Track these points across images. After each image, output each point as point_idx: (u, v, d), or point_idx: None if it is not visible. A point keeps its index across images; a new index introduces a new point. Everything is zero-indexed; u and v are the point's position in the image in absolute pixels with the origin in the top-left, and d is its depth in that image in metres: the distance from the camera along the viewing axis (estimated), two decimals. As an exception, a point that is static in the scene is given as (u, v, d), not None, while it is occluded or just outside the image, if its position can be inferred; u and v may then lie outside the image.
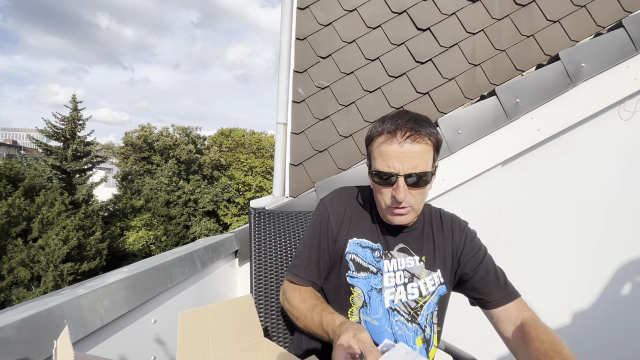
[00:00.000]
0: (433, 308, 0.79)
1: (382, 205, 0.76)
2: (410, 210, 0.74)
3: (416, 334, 0.75)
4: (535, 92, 1.60)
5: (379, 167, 0.72)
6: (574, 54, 1.59)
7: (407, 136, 0.69)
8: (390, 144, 0.71)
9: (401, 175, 0.70)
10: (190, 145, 22.09)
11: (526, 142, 1.62)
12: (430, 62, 1.94)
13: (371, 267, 0.77)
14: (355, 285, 0.77)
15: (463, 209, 1.69)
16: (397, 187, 0.70)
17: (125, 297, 0.78)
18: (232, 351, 0.56)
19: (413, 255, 0.80)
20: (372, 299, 0.76)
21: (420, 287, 0.77)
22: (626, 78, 1.58)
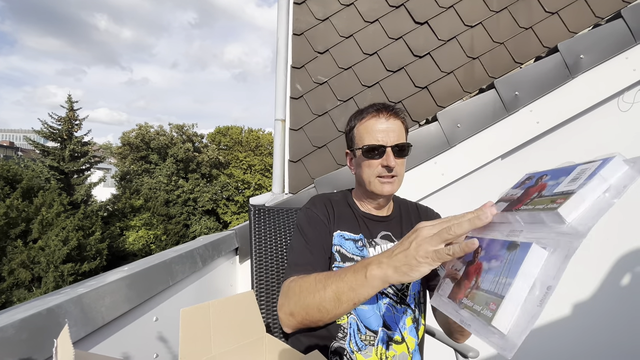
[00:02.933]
0: (418, 287, 0.85)
1: (370, 179, 0.83)
2: (396, 180, 0.83)
3: (405, 314, 0.80)
4: (534, 85, 1.60)
5: (368, 142, 0.81)
6: (572, 45, 1.58)
7: (391, 114, 0.83)
8: (377, 122, 0.83)
9: (389, 146, 0.80)
10: (188, 143, 22.02)
11: (526, 135, 1.62)
12: (428, 56, 1.93)
13: (355, 256, 0.82)
14: None
15: (462, 203, 1.70)
16: (387, 156, 0.80)
17: (126, 295, 0.77)
18: (234, 347, 0.56)
19: (394, 240, 0.86)
20: None
21: None
22: (625, 69, 1.58)
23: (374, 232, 0.87)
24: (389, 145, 0.81)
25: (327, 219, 0.85)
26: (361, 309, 0.78)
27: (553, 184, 0.43)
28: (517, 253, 0.39)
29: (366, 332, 0.76)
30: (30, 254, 11.84)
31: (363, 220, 0.88)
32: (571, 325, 1.67)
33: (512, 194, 0.50)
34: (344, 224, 0.86)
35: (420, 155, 1.63)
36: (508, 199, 0.49)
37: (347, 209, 0.89)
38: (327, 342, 0.77)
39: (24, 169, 14.89)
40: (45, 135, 15.66)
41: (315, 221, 0.84)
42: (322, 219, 0.85)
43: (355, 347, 0.75)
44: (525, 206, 0.42)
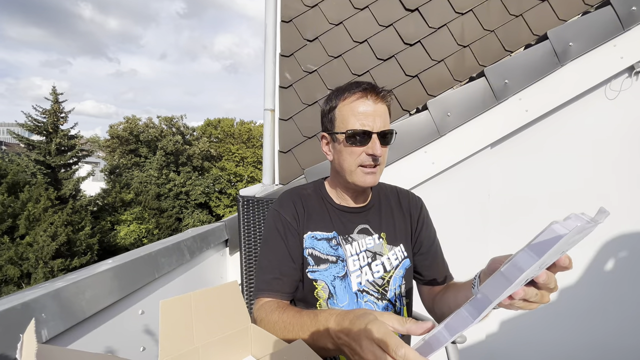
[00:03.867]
0: (400, 282, 0.80)
1: (351, 168, 0.75)
2: (379, 169, 0.76)
3: (387, 310, 0.77)
4: (523, 73, 1.59)
5: (353, 127, 0.73)
6: (561, 32, 1.58)
7: (379, 96, 0.74)
8: (364, 104, 0.73)
9: (375, 132, 0.73)
10: (178, 136, 21.65)
11: (515, 123, 1.62)
12: (419, 44, 1.91)
13: (330, 257, 0.77)
14: (317, 279, 0.76)
15: (452, 191, 1.71)
16: (374, 144, 0.72)
17: (109, 288, 0.76)
18: (218, 338, 0.55)
19: (372, 234, 0.81)
20: (337, 288, 0.76)
21: (384, 263, 0.79)
22: (613, 56, 1.58)
23: (349, 227, 0.80)
24: (375, 131, 0.73)
25: (297, 221, 0.78)
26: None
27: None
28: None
29: None
30: (18, 250, 11.62)
31: (337, 215, 0.81)
32: (563, 311, 1.71)
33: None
34: (315, 222, 0.79)
35: (410, 144, 1.62)
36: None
37: (319, 204, 0.82)
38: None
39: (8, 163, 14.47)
40: (29, 128, 15.19)
41: (284, 227, 0.77)
42: (291, 223, 0.78)
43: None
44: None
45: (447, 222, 1.69)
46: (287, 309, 0.66)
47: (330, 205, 0.82)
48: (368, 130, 0.72)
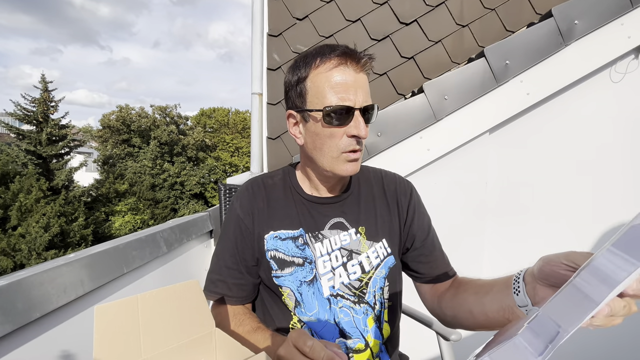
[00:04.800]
0: (382, 284, 0.68)
1: (332, 154, 0.62)
2: (360, 155, 0.64)
3: (366, 314, 0.66)
4: (525, 53, 1.50)
5: (332, 102, 0.59)
6: (567, 10, 1.48)
7: (360, 64, 0.60)
8: (342, 73, 0.59)
9: (358, 108, 0.60)
10: (172, 125, 21.32)
11: (515, 107, 1.54)
12: (415, 23, 1.80)
13: (296, 259, 0.66)
14: (282, 285, 0.66)
15: (449, 179, 1.63)
16: (357, 123, 0.60)
17: (63, 285, 0.67)
18: (174, 346, 0.47)
19: (348, 228, 0.68)
20: (304, 295, 0.65)
21: (362, 263, 0.67)
22: (620, 36, 1.49)
23: (320, 222, 0.68)
24: (357, 106, 0.59)
25: (252, 219, 0.67)
26: (310, 321, 0.65)
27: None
28: None
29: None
30: (10, 242, 11.48)
31: (306, 208, 0.69)
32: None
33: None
34: (279, 219, 0.68)
35: (405, 129, 1.53)
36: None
37: (285, 195, 0.70)
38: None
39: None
40: (19, 117, 14.81)
41: (235, 228, 0.67)
42: (245, 222, 0.67)
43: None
44: None
45: (442, 212, 1.62)
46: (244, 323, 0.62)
47: (298, 197, 0.70)
48: (350, 105, 0.59)
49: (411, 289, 0.83)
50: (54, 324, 0.66)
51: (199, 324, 0.50)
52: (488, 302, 0.54)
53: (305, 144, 0.66)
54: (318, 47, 0.64)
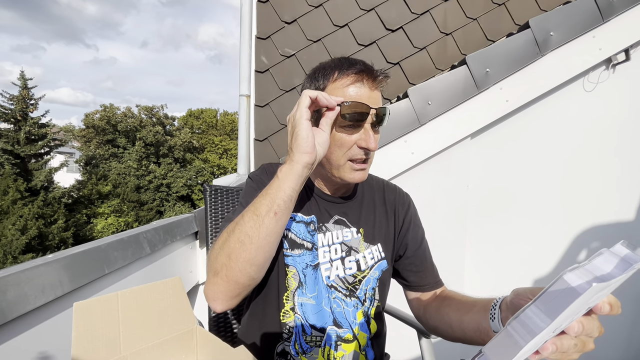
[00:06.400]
0: (374, 284, 0.72)
1: (339, 162, 0.64)
2: (369, 164, 0.67)
3: (356, 307, 0.70)
4: (505, 62, 1.56)
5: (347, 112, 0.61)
6: (543, 21, 1.55)
7: (376, 83, 0.63)
8: (359, 89, 0.62)
9: (369, 122, 0.63)
10: (158, 126, 20.92)
11: (495, 113, 1.60)
12: (401, 30, 1.85)
13: (306, 242, 0.69)
14: (289, 264, 0.68)
15: (432, 182, 1.67)
16: (367, 136, 0.62)
17: (40, 286, 0.66)
18: (154, 343, 0.47)
19: (350, 227, 0.72)
20: (308, 277, 0.68)
21: (359, 261, 0.71)
22: (592, 47, 1.58)
23: (325, 216, 0.72)
24: (369, 121, 0.63)
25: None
26: (308, 303, 0.67)
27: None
28: None
29: (312, 333, 0.67)
30: (-16, 245, 10.97)
31: (316, 200, 0.73)
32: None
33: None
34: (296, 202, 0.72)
35: (390, 133, 1.57)
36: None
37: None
38: (272, 344, 0.68)
39: (-28, 152, 13.57)
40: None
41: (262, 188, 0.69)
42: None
43: (300, 349, 0.67)
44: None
45: (425, 214, 1.66)
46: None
47: (309, 188, 0.74)
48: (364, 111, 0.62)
49: (392, 288, 0.86)
50: (31, 324, 0.65)
51: (180, 321, 0.51)
52: (467, 321, 0.57)
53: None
54: (337, 60, 0.66)
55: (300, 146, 0.55)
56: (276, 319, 0.68)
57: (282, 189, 0.55)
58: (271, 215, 0.54)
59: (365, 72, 0.62)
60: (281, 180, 0.56)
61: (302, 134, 0.55)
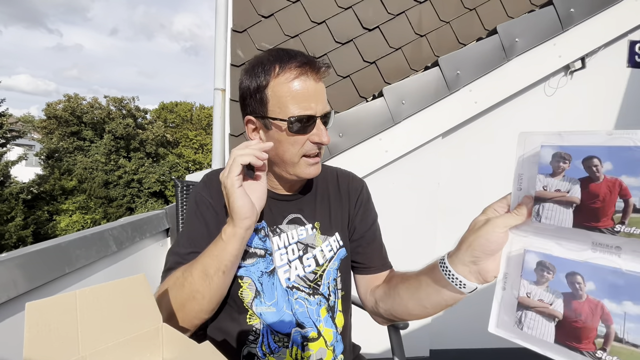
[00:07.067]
0: (335, 275, 0.72)
1: (294, 160, 0.64)
2: (320, 157, 0.67)
3: (319, 305, 0.69)
4: (474, 65, 1.63)
5: (295, 112, 0.61)
6: (509, 28, 1.64)
7: (319, 73, 0.62)
8: (304, 83, 0.61)
9: (319, 116, 0.63)
10: (129, 119, 19.92)
11: (465, 114, 1.67)
12: (377, 30, 1.87)
13: (258, 250, 0.67)
14: (243, 275, 0.67)
15: (405, 179, 1.73)
16: (320, 130, 0.63)
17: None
18: (117, 342, 0.46)
19: (305, 224, 0.72)
20: (265, 285, 0.67)
21: (316, 256, 0.71)
22: (552, 55, 1.68)
23: (279, 217, 0.71)
24: (319, 114, 0.62)
25: (223, 206, 0.67)
26: (268, 312, 0.66)
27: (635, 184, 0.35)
28: None
29: (278, 336, 0.67)
30: None
31: (267, 203, 0.69)
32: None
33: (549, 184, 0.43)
34: None
35: (366, 131, 1.59)
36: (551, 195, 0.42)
37: None
38: (238, 347, 0.67)
39: None
40: (-60, 103, 12.95)
41: (206, 213, 0.67)
42: (215, 209, 0.68)
43: (268, 349, 0.66)
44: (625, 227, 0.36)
45: (398, 210, 1.72)
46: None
47: None
48: (312, 114, 0.62)
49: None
50: (-21, 328, 0.61)
51: (144, 319, 0.50)
52: (423, 294, 0.57)
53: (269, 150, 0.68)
54: (275, 53, 0.64)
55: (239, 214, 0.57)
56: (241, 323, 0.67)
57: (228, 251, 0.58)
58: (220, 275, 0.58)
59: (308, 64, 0.61)
60: (226, 242, 0.58)
61: (238, 203, 0.57)
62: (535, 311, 0.42)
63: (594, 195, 0.39)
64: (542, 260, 0.43)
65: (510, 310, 0.45)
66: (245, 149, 0.58)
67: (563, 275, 0.41)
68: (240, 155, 0.57)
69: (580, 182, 0.40)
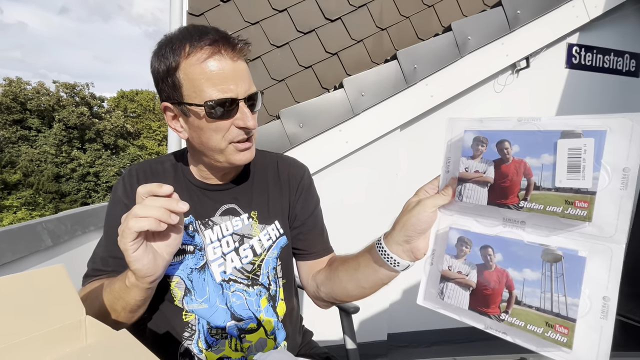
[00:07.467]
0: (274, 264, 0.70)
1: (220, 147, 0.60)
2: (253, 140, 0.63)
3: (259, 295, 0.68)
4: (430, 59, 1.69)
5: (214, 95, 0.56)
6: (462, 26, 1.71)
7: (238, 49, 0.57)
8: (219, 62, 0.56)
9: (241, 99, 0.58)
10: (83, 107, 18.40)
11: (421, 107, 1.73)
12: (339, 21, 1.88)
13: (187, 246, 0.64)
14: (171, 274, 0.64)
15: (365, 170, 1.76)
16: (244, 115, 0.58)
17: None
18: (32, 336, 0.43)
19: (240, 214, 0.69)
20: (195, 282, 0.65)
21: (253, 246, 0.68)
22: (500, 54, 1.79)
23: (211, 208, 0.67)
24: (241, 97, 0.57)
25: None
26: (200, 309, 0.64)
27: (537, 165, 0.40)
28: (563, 266, 0.37)
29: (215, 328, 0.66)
30: None
31: (197, 195, 0.67)
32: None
33: (470, 166, 0.46)
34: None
35: (326, 122, 1.60)
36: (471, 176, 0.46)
37: (177, 182, 0.68)
38: (175, 345, 0.65)
39: None
40: None
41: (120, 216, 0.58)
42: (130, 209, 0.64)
43: (205, 344, 0.65)
44: (528, 203, 0.40)
45: (358, 201, 1.76)
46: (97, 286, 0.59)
47: (189, 184, 0.68)
48: (233, 97, 0.56)
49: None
50: None
51: (64, 312, 0.47)
52: (362, 278, 0.58)
53: (191, 138, 0.62)
54: (184, 31, 0.58)
55: (138, 275, 0.51)
56: (176, 320, 0.65)
57: (132, 296, 0.54)
58: (127, 312, 0.55)
59: (220, 41, 0.56)
60: (129, 288, 0.53)
61: (135, 266, 0.50)
62: (455, 282, 0.46)
63: (504, 175, 0.43)
64: (462, 236, 0.47)
65: (435, 283, 0.48)
66: (148, 208, 0.48)
67: (478, 249, 0.45)
68: (137, 218, 0.47)
69: (494, 163, 0.44)
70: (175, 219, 0.50)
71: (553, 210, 0.38)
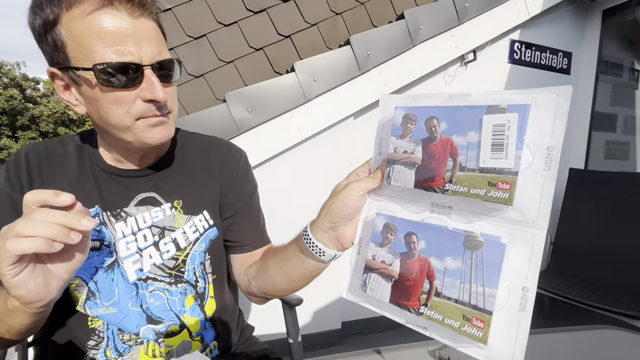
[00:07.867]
0: (202, 258, 0.63)
1: (125, 123, 0.49)
2: (171, 117, 0.54)
3: (184, 293, 0.61)
4: (383, 47, 1.68)
5: (106, 58, 0.45)
6: (415, 15, 1.72)
7: (137, 3, 0.46)
8: (111, 17, 0.45)
9: (147, 65, 0.48)
10: (13, 89, 16.23)
11: (374, 95, 1.72)
12: (292, 2, 1.79)
13: (94, 242, 0.55)
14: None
15: (318, 158, 1.72)
16: (150, 84, 0.48)
17: None
18: None
19: (161, 204, 0.60)
20: (101, 283, 0.56)
21: (177, 240, 0.60)
22: (450, 45, 1.84)
23: (124, 198, 0.58)
24: (146, 63, 0.48)
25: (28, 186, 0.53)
26: (108, 314, 0.56)
27: (463, 143, 0.37)
28: (483, 253, 0.35)
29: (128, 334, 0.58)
30: None
31: (106, 182, 0.58)
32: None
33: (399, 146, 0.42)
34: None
35: (277, 107, 1.53)
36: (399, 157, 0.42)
37: (81, 167, 0.58)
38: (78, 356, 0.57)
39: None
40: None
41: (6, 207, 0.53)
42: (15, 202, 0.53)
43: (115, 353, 0.57)
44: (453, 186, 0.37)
45: (312, 189, 1.71)
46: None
47: (96, 169, 0.58)
48: (134, 62, 0.46)
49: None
50: None
51: None
52: (290, 270, 0.54)
53: (89, 112, 0.51)
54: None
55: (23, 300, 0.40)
56: (80, 327, 0.56)
57: (16, 320, 0.44)
58: (14, 334, 0.46)
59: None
60: (12, 312, 0.42)
61: (19, 292, 0.39)
62: (378, 273, 0.42)
63: (432, 155, 0.40)
64: (388, 222, 0.43)
65: (359, 274, 0.45)
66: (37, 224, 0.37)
67: (402, 236, 0.42)
68: (19, 238, 0.36)
69: (422, 142, 0.41)
70: (77, 237, 0.39)
71: (477, 193, 0.35)
